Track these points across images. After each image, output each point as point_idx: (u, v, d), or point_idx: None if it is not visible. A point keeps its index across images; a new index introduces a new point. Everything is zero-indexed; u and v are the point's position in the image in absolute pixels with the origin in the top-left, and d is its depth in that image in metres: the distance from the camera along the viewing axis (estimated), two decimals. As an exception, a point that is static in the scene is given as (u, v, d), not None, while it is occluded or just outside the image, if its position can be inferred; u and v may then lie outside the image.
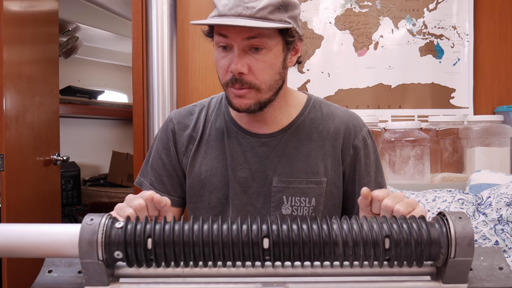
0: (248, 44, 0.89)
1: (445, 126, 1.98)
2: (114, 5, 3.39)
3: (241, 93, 0.92)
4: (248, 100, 0.93)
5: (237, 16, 0.87)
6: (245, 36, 0.88)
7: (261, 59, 0.90)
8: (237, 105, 0.94)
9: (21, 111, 1.94)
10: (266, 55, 0.91)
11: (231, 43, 0.90)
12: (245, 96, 0.92)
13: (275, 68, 0.93)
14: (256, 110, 0.95)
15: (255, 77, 0.91)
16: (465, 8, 2.06)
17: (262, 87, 0.93)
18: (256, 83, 0.92)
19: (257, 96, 0.93)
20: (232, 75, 0.91)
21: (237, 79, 0.91)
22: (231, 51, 0.91)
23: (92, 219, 0.54)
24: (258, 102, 0.94)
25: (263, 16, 0.87)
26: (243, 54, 0.90)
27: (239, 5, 0.87)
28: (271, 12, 0.88)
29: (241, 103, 0.93)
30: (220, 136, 1.04)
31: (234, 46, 0.90)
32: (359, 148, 1.03)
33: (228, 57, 0.91)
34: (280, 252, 0.53)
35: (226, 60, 0.92)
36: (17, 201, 1.88)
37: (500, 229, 1.54)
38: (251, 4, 0.87)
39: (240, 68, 0.89)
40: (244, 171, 1.01)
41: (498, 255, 0.59)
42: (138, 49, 2.05)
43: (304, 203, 1.00)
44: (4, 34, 1.79)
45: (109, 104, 4.05)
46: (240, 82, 0.91)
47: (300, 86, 2.10)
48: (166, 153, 1.08)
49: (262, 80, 0.92)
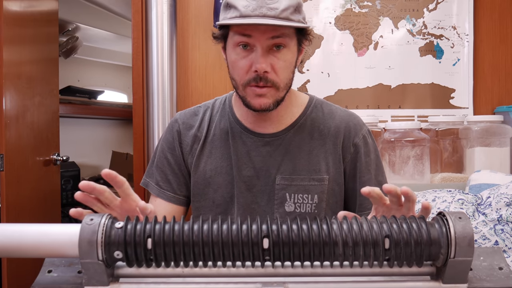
0: (272, 43, 0.92)
1: (445, 126, 1.98)
2: (114, 5, 3.39)
3: (262, 92, 0.95)
4: (267, 99, 0.95)
5: (262, 16, 0.90)
6: (270, 35, 0.91)
7: (282, 58, 0.94)
8: (256, 105, 0.96)
9: (21, 111, 1.94)
10: (286, 54, 0.94)
11: (253, 42, 0.92)
12: (265, 95, 0.95)
13: (291, 67, 0.97)
14: (273, 108, 0.98)
15: (277, 76, 0.94)
16: (465, 8, 2.06)
17: (281, 86, 0.96)
18: (277, 82, 0.95)
19: (275, 95, 0.96)
20: (255, 74, 0.93)
21: (261, 77, 0.93)
22: (251, 51, 0.93)
23: (92, 219, 0.54)
24: (276, 101, 0.97)
25: (286, 17, 0.91)
26: (267, 54, 0.93)
27: (262, 6, 0.90)
28: (292, 13, 0.92)
29: (261, 103, 0.96)
30: (225, 136, 1.06)
31: (256, 45, 0.92)
32: (360, 146, 1.04)
33: (249, 57, 0.93)
34: (280, 252, 0.53)
35: (247, 60, 0.94)
36: (17, 201, 1.88)
37: (500, 229, 1.54)
38: (274, 5, 0.90)
39: (265, 67, 0.92)
40: (248, 170, 1.03)
41: (498, 255, 0.59)
42: (138, 49, 2.05)
43: (306, 200, 1.02)
44: (4, 34, 1.78)
45: (109, 104, 4.05)
46: (264, 80, 0.93)
47: (300, 86, 2.10)
48: (171, 153, 1.10)
49: (282, 79, 0.95)
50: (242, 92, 0.98)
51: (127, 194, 0.77)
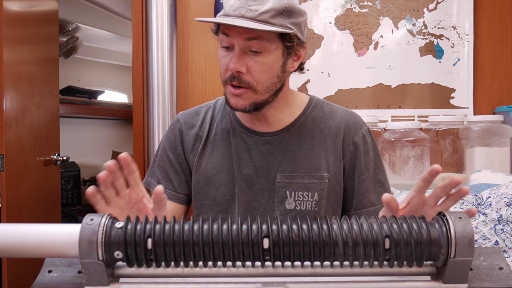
0: (248, 45, 0.93)
1: (445, 126, 1.98)
2: (114, 5, 3.39)
3: (238, 93, 0.96)
4: (244, 100, 0.97)
5: (240, 17, 0.91)
6: (245, 36, 0.92)
7: (259, 61, 0.94)
8: (233, 104, 0.98)
9: (21, 111, 1.94)
10: (264, 58, 0.94)
11: (232, 42, 0.94)
12: (242, 96, 0.96)
13: (273, 71, 0.96)
14: (251, 110, 0.98)
15: (252, 78, 0.95)
16: (465, 8, 2.06)
17: (258, 89, 0.96)
18: (253, 84, 0.95)
19: (253, 97, 0.97)
20: (231, 73, 0.94)
21: (235, 77, 0.94)
22: (232, 51, 0.95)
23: (92, 219, 0.54)
24: (253, 103, 0.97)
25: (264, 20, 0.90)
26: (243, 55, 0.94)
27: (243, 7, 0.91)
28: (273, 17, 0.91)
29: (237, 103, 0.97)
30: (226, 135, 1.08)
31: (235, 45, 0.93)
32: (359, 145, 1.05)
33: (229, 56, 0.95)
34: (280, 252, 0.53)
35: (227, 59, 0.96)
36: (17, 201, 1.88)
37: (500, 229, 1.54)
38: (255, 7, 0.90)
39: (238, 67, 0.93)
40: (249, 168, 1.04)
41: (498, 255, 0.59)
42: (138, 49, 2.05)
43: (307, 198, 1.03)
44: (4, 34, 1.78)
45: (109, 104, 4.04)
46: (237, 80, 0.95)
47: (300, 86, 2.10)
48: (172, 152, 1.11)
49: (259, 82, 0.96)
50: (224, 90, 1.00)
51: (137, 183, 0.78)
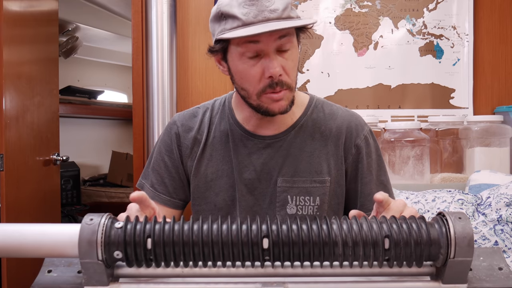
0: (279, 44, 0.90)
1: (445, 126, 1.98)
2: (114, 5, 3.39)
3: (280, 97, 0.93)
4: (284, 101, 0.94)
5: (266, 21, 0.87)
6: (277, 36, 0.89)
7: (290, 57, 0.93)
8: (275, 110, 0.94)
9: (21, 111, 1.94)
10: (293, 53, 0.93)
11: (261, 48, 0.90)
12: (283, 99, 0.93)
13: (297, 65, 0.96)
14: (288, 110, 0.96)
15: (289, 77, 0.93)
16: (465, 8, 2.06)
17: (293, 86, 0.95)
18: (290, 83, 0.93)
19: (290, 96, 0.95)
20: (270, 80, 0.91)
21: (277, 82, 0.91)
22: (259, 58, 0.91)
23: (91, 219, 0.54)
24: (290, 102, 0.96)
25: (288, 16, 0.90)
26: (276, 57, 0.91)
27: (263, 10, 0.87)
28: (291, 11, 0.91)
29: (280, 107, 0.94)
30: (225, 139, 1.05)
31: (264, 50, 0.90)
32: (361, 147, 1.03)
33: (259, 64, 0.91)
34: (279, 252, 0.53)
35: (257, 68, 0.91)
36: (17, 201, 1.88)
37: (500, 230, 1.54)
38: (273, 7, 0.88)
39: (279, 70, 0.90)
40: (249, 173, 1.02)
41: (497, 255, 0.59)
42: (138, 49, 2.05)
43: (308, 202, 1.01)
44: (4, 34, 1.78)
45: (109, 104, 4.05)
46: (280, 84, 0.91)
47: (300, 86, 2.10)
48: (168, 155, 1.08)
49: (293, 79, 0.95)
50: (256, 101, 0.95)
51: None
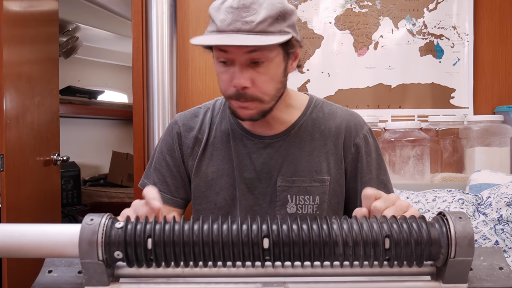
0: (249, 58, 0.88)
1: (445, 126, 1.98)
2: (114, 5, 3.39)
3: (245, 106, 0.92)
4: (252, 110, 0.93)
5: (236, 31, 0.85)
6: (245, 50, 0.87)
7: (263, 71, 0.89)
8: (241, 115, 0.94)
9: (21, 111, 1.94)
10: (267, 68, 0.90)
11: (231, 57, 0.89)
12: (249, 107, 0.93)
13: (277, 78, 0.93)
14: (259, 118, 0.96)
15: (258, 90, 0.91)
16: (465, 8, 2.06)
17: (265, 99, 0.93)
18: (259, 96, 0.91)
19: (260, 106, 0.93)
20: (235, 89, 0.90)
21: (241, 93, 0.90)
22: (232, 65, 0.90)
23: (92, 219, 0.54)
24: (261, 112, 0.94)
25: (263, 30, 0.85)
26: (245, 68, 0.89)
27: (237, 20, 0.85)
28: (270, 25, 0.86)
29: (244, 113, 0.94)
30: (226, 138, 1.05)
31: (234, 60, 0.89)
32: (361, 146, 1.03)
33: (230, 71, 0.90)
34: (280, 252, 0.53)
35: (228, 74, 0.91)
36: (17, 201, 1.88)
37: (500, 229, 1.54)
38: (250, 18, 0.85)
39: (243, 82, 0.88)
40: (250, 172, 1.02)
41: (498, 255, 0.59)
42: (138, 49, 2.05)
43: (308, 202, 1.01)
44: (4, 34, 1.78)
45: (109, 104, 4.05)
46: (244, 96, 0.90)
47: (300, 86, 2.10)
48: (170, 155, 1.09)
49: (265, 92, 0.92)
50: (228, 103, 0.96)
51: None
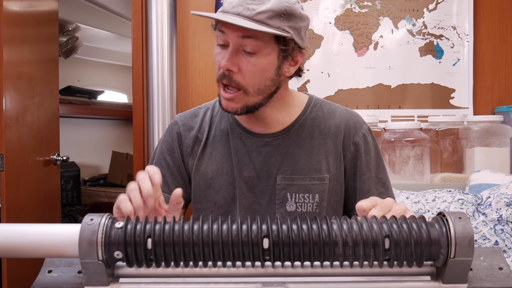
0: (242, 43, 0.91)
1: (445, 126, 1.98)
2: (114, 5, 3.39)
3: (229, 97, 0.95)
4: (235, 103, 0.95)
5: (236, 14, 0.89)
6: (240, 34, 0.90)
7: (252, 62, 0.92)
8: (224, 106, 0.97)
9: (21, 111, 1.94)
10: (258, 59, 0.92)
11: (227, 40, 0.92)
12: (233, 99, 0.95)
13: (266, 74, 0.94)
14: (243, 112, 0.97)
15: (243, 78, 0.93)
16: (465, 8, 2.06)
17: (249, 90, 0.94)
18: (243, 85, 0.93)
19: (244, 99, 0.95)
20: (222, 71, 0.93)
21: (226, 75, 0.93)
22: (226, 49, 0.93)
23: (92, 219, 0.54)
24: (245, 106, 0.96)
25: (261, 20, 0.88)
26: (236, 54, 0.92)
27: (241, 5, 0.89)
28: (270, 18, 0.89)
29: (228, 106, 0.96)
30: (225, 137, 1.06)
31: (229, 43, 0.92)
32: (360, 144, 1.04)
33: (223, 54, 0.93)
34: (280, 252, 0.53)
35: (220, 57, 0.94)
36: (17, 201, 1.88)
37: (500, 229, 1.54)
38: (253, 6, 0.88)
39: (230, 65, 0.91)
40: (249, 171, 1.03)
41: (498, 255, 0.59)
42: (138, 49, 2.05)
43: (307, 200, 1.01)
44: (4, 34, 1.79)
45: (109, 104, 4.05)
46: (228, 79, 0.93)
47: (300, 86, 2.10)
48: (170, 155, 1.09)
49: (250, 83, 0.93)
50: (218, 89, 0.98)
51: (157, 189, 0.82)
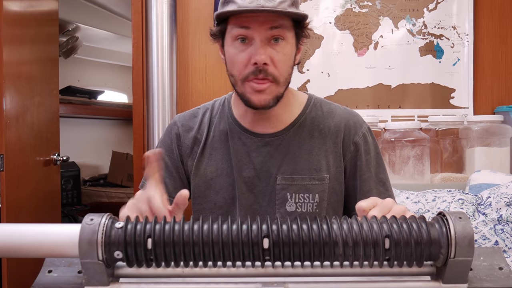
0: (270, 34, 0.91)
1: (445, 126, 1.98)
2: (114, 5, 3.39)
3: (261, 88, 0.92)
4: (267, 95, 0.93)
5: (260, 7, 0.88)
6: (268, 26, 0.90)
7: (281, 50, 0.92)
8: (256, 101, 0.94)
9: (21, 111, 1.94)
10: (285, 47, 0.93)
11: (252, 35, 0.91)
12: (265, 91, 0.93)
13: (290, 61, 0.96)
14: (273, 105, 0.96)
15: (276, 69, 0.92)
16: (465, 8, 2.06)
17: (281, 80, 0.94)
18: (277, 75, 0.93)
19: (275, 90, 0.94)
20: (255, 67, 0.91)
21: (261, 70, 0.91)
22: (249, 44, 0.92)
23: (92, 219, 0.54)
24: (276, 97, 0.95)
25: (284, 8, 0.90)
26: (266, 46, 0.91)
27: None
28: (289, 6, 0.91)
29: (260, 99, 0.93)
30: (224, 138, 1.06)
31: (255, 37, 0.91)
32: (360, 144, 1.04)
33: (248, 50, 0.92)
34: (280, 252, 0.53)
35: (245, 53, 0.92)
36: (17, 201, 1.88)
37: (500, 229, 1.54)
38: None
39: (264, 58, 0.90)
40: (249, 171, 1.03)
41: (498, 255, 0.59)
42: (138, 49, 2.05)
43: (307, 200, 1.01)
44: (4, 34, 1.79)
45: (109, 104, 4.05)
46: (264, 73, 0.91)
47: (300, 86, 2.10)
48: (168, 156, 1.09)
49: (281, 73, 0.94)
50: (240, 88, 0.95)
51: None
